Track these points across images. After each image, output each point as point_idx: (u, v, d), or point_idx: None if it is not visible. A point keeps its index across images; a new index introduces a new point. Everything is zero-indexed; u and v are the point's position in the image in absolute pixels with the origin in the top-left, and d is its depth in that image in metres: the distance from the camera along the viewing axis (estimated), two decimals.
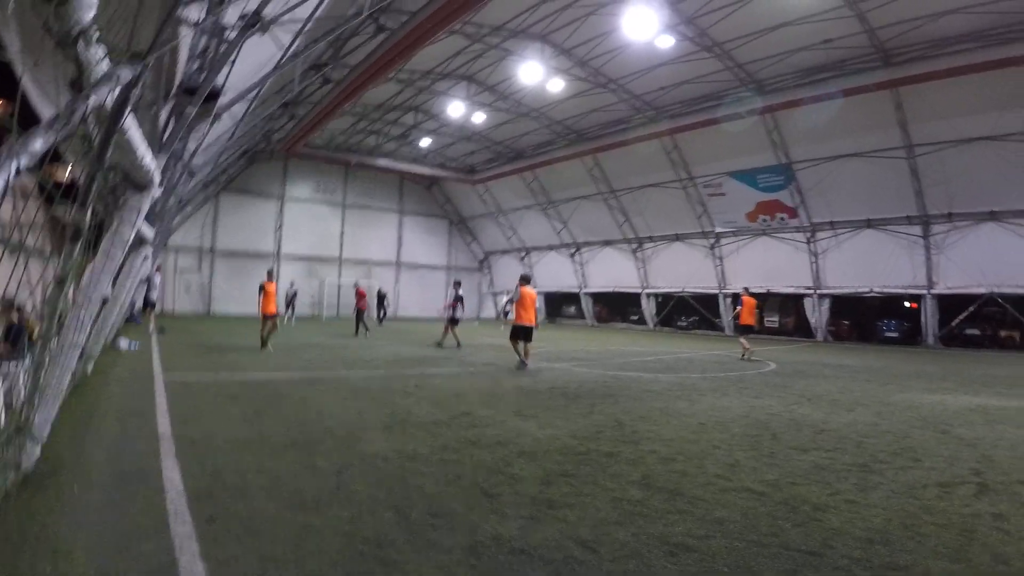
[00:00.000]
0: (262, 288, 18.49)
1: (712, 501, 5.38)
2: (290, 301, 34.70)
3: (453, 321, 22.36)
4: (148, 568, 3.85)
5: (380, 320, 35.44)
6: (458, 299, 23.17)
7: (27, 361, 7.01)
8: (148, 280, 23.24)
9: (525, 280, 16.00)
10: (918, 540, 4.57)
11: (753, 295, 21.69)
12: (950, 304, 28.21)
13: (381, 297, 35.79)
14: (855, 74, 24.02)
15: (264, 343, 18.03)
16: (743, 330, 20.61)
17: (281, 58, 14.70)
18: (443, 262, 51.90)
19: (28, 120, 2.52)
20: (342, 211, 46.64)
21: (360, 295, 28.12)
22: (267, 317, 18.23)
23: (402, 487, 5.55)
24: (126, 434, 7.28)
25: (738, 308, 21.13)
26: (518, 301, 15.64)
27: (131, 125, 4.53)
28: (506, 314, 36.98)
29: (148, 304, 23.35)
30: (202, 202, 39.50)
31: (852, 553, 4.31)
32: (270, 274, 19.74)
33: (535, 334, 16.00)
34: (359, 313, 27.56)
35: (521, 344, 15.45)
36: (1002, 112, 23.12)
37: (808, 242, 31.96)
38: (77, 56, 3.10)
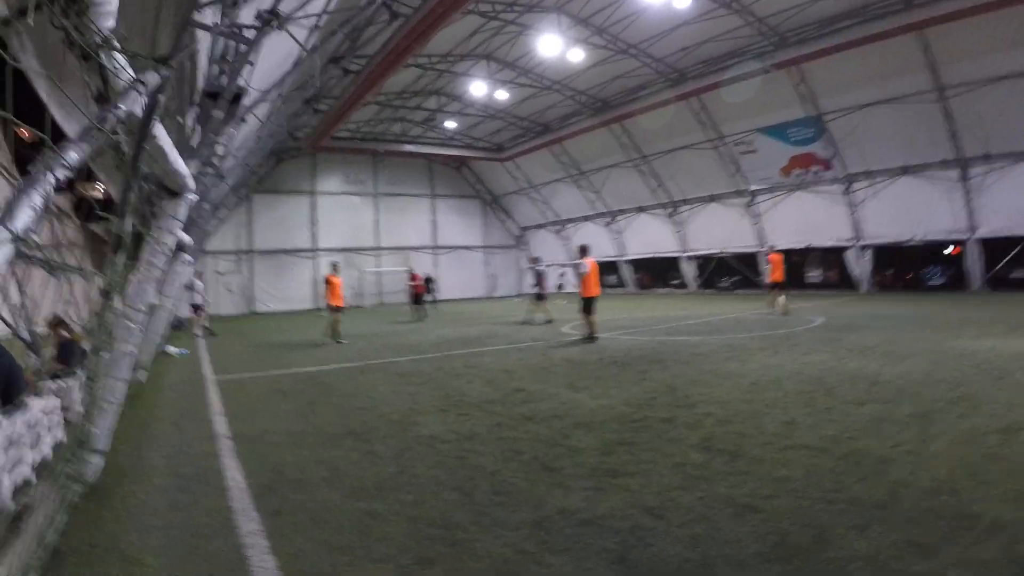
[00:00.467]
0: (327, 281, 18.68)
1: (773, 460, 5.34)
2: None
3: (540, 297, 22.66)
4: (219, 567, 3.91)
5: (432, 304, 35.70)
6: (540, 275, 23.37)
7: (82, 375, 7.15)
8: (192, 286, 23.56)
9: (585, 251, 15.98)
10: (985, 488, 4.50)
11: (780, 251, 22.98)
12: (994, 247, 27.46)
13: (428, 282, 35.96)
14: (878, 19, 23.34)
15: (337, 337, 17.98)
16: (775, 286, 21.27)
17: (300, 54, 14.74)
18: (479, 242, 51.88)
19: (55, 139, 2.54)
20: (374, 200, 46.81)
21: (415, 279, 28.29)
22: (334, 310, 18.31)
23: (463, 467, 5.58)
24: (184, 437, 7.41)
25: (768, 266, 22.26)
26: (587, 273, 15.49)
27: (160, 132, 4.57)
28: (559, 287, 36.97)
29: (197, 309, 23.67)
30: (235, 204, 39.96)
31: (920, 504, 4.25)
32: (335, 267, 19.78)
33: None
34: (417, 297, 27.70)
35: (587, 317, 15.33)
36: None
37: (845, 193, 31.30)
38: (101, 67, 3.12)
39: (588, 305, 15.31)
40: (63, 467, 4.82)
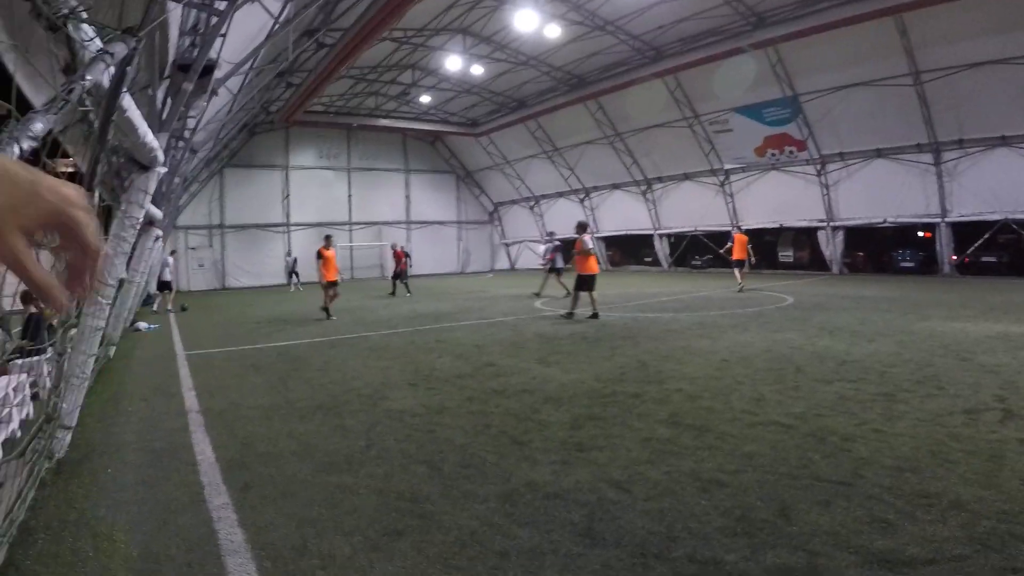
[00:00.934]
0: (320, 255, 17.88)
1: (740, 436, 5.43)
2: (292, 270, 36.19)
3: (556, 271, 22.48)
4: (189, 541, 3.93)
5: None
6: (557, 249, 23.02)
7: (49, 351, 7.09)
8: (163, 263, 23.38)
9: (584, 228, 15.67)
10: (947, 467, 4.61)
11: (743, 232, 24.26)
12: (965, 232, 27.87)
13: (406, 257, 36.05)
14: (857, 1, 23.42)
15: (327, 312, 17.73)
16: (736, 264, 22.76)
17: (273, 27, 14.56)
18: (453, 217, 51.72)
19: (23, 112, 2.51)
20: (347, 175, 46.47)
21: (398, 256, 28.06)
22: (328, 285, 17.80)
23: (432, 441, 5.63)
24: (154, 412, 7.39)
25: (729, 244, 23.45)
26: (584, 251, 15.19)
27: (130, 104, 4.51)
28: (552, 264, 36.85)
29: (165, 286, 23.45)
30: (207, 179, 39.51)
31: (882, 482, 4.36)
32: (328, 240, 18.62)
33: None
34: (400, 274, 27.42)
35: (584, 294, 15.09)
36: (1010, 34, 22.52)
37: (819, 174, 31.50)
38: (68, 38, 3.07)
39: (587, 282, 15.04)
40: (32, 443, 4.79)
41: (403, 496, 4.37)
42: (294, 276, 35.99)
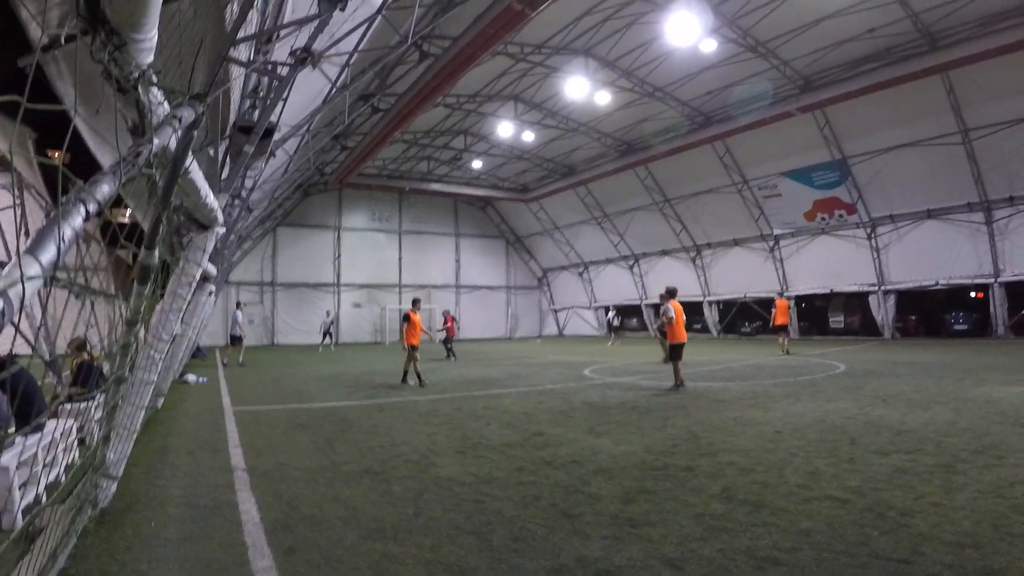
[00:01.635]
0: (407, 318, 16.82)
1: (796, 511, 5.24)
2: (327, 330, 36.46)
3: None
4: None
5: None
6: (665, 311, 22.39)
7: (99, 398, 7.18)
8: (233, 317, 24.12)
9: (672, 294, 15.16)
10: (1010, 541, 4.40)
11: (786, 298, 25.86)
12: (1020, 292, 27.17)
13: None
14: (902, 61, 23.41)
15: (406, 376, 16.76)
16: (777, 329, 23.84)
17: (330, 91, 14.95)
18: (502, 282, 52.06)
19: (88, 168, 2.57)
20: (399, 237, 47.20)
21: (448, 320, 28.12)
22: (412, 348, 16.46)
23: (480, 511, 5.52)
24: (199, 468, 7.40)
25: (772, 311, 24.09)
26: (674, 319, 14.47)
27: (193, 167, 4.63)
28: (614, 329, 37.12)
29: (236, 340, 24.05)
30: (260, 236, 40.43)
31: (943, 559, 4.16)
32: (416, 303, 17.66)
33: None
34: (448, 339, 27.29)
35: (679, 364, 14.32)
36: None
37: (869, 238, 31.19)
38: (137, 100, 3.17)
39: (675, 351, 14.48)
40: (77, 490, 4.82)
41: (451, 568, 4.26)
42: (328, 336, 36.56)
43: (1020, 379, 13.32)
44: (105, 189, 2.22)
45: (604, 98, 28.95)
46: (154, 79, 3.27)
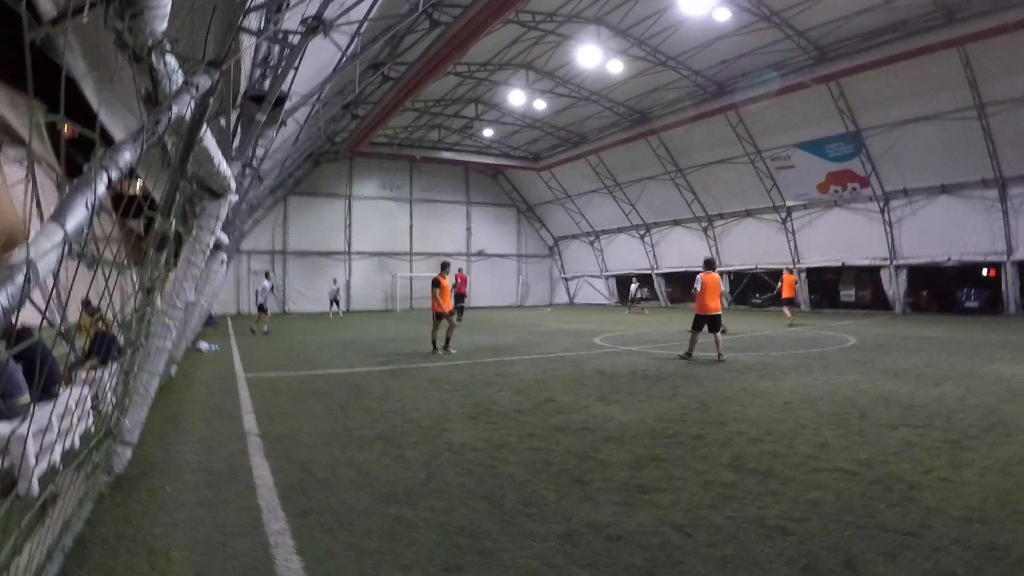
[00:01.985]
0: (436, 283, 16.01)
1: (805, 482, 5.29)
2: (335, 297, 36.82)
3: None
4: (245, 565, 3.94)
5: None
6: None
7: (114, 367, 7.27)
8: (261, 286, 24.37)
9: (710, 265, 15.02)
10: (1016, 518, 4.44)
11: (793, 273, 27.18)
12: None
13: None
14: (919, 34, 22.98)
15: (441, 345, 16.22)
16: (785, 302, 25.06)
17: (340, 60, 14.90)
18: (513, 250, 52.00)
19: (100, 139, 2.59)
20: (409, 206, 47.13)
21: (462, 280, 28.04)
22: (441, 315, 16.06)
23: (493, 476, 5.59)
24: (213, 434, 7.50)
25: (779, 284, 25.31)
26: (697, 290, 14.46)
27: (207, 135, 4.64)
28: (636, 300, 37.10)
29: (262, 308, 24.31)
30: (272, 205, 40.47)
31: (950, 533, 4.19)
32: (445, 267, 16.76)
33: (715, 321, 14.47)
34: (459, 297, 27.25)
35: (698, 335, 14.31)
36: None
37: (882, 212, 30.89)
38: (151, 68, 3.18)
39: (696, 322, 14.42)
40: (92, 456, 4.90)
41: (463, 532, 4.33)
42: (335, 304, 36.77)
43: None
44: (128, 156, 2.25)
45: (616, 67, 28.70)
46: (168, 47, 3.28)
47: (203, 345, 17.27)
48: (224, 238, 12.50)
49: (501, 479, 5.50)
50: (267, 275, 26.43)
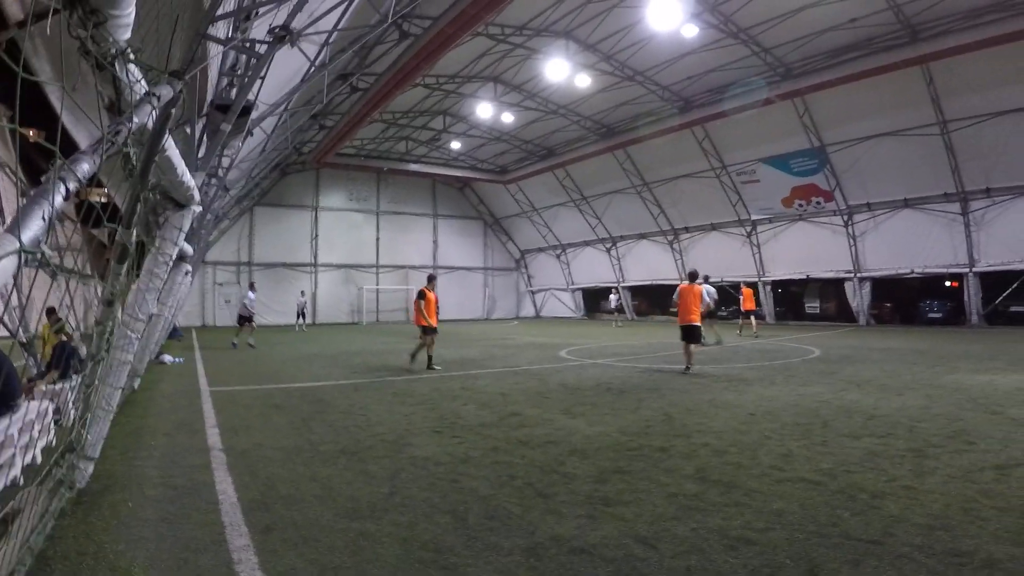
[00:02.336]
0: (422, 295, 15.13)
1: (769, 492, 5.32)
2: (300, 311, 36.11)
3: (711, 315, 21.67)
4: None
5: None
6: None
7: (75, 380, 7.13)
8: (245, 297, 23.91)
9: (691, 277, 14.96)
10: (979, 524, 4.49)
11: (749, 285, 27.49)
12: (993, 282, 27.59)
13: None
14: (883, 52, 23.55)
15: (430, 362, 15.05)
16: (745, 314, 25.30)
17: (309, 70, 14.83)
18: (479, 263, 52.03)
19: (63, 146, 2.54)
20: (376, 218, 46.99)
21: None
22: (428, 330, 15.00)
23: (456, 490, 5.55)
24: (176, 448, 7.37)
25: (740, 296, 26.02)
26: (677, 300, 14.46)
27: (170, 144, 4.58)
28: (618, 310, 37.20)
29: (244, 320, 23.78)
30: (237, 216, 40.12)
31: (913, 540, 4.24)
32: (431, 279, 15.93)
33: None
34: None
35: (691, 346, 14.19)
36: None
37: (846, 225, 31.46)
38: (114, 77, 3.13)
39: (685, 333, 14.31)
40: (54, 471, 4.80)
41: (427, 546, 4.30)
42: (302, 316, 36.06)
43: (992, 367, 13.57)
44: (85, 167, 2.21)
45: (584, 81, 28.90)
46: (132, 56, 3.24)
47: (167, 358, 17.03)
48: (188, 249, 12.34)
49: (465, 493, 5.47)
50: (252, 286, 25.87)
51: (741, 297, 25.58)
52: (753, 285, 27.17)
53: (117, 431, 7.80)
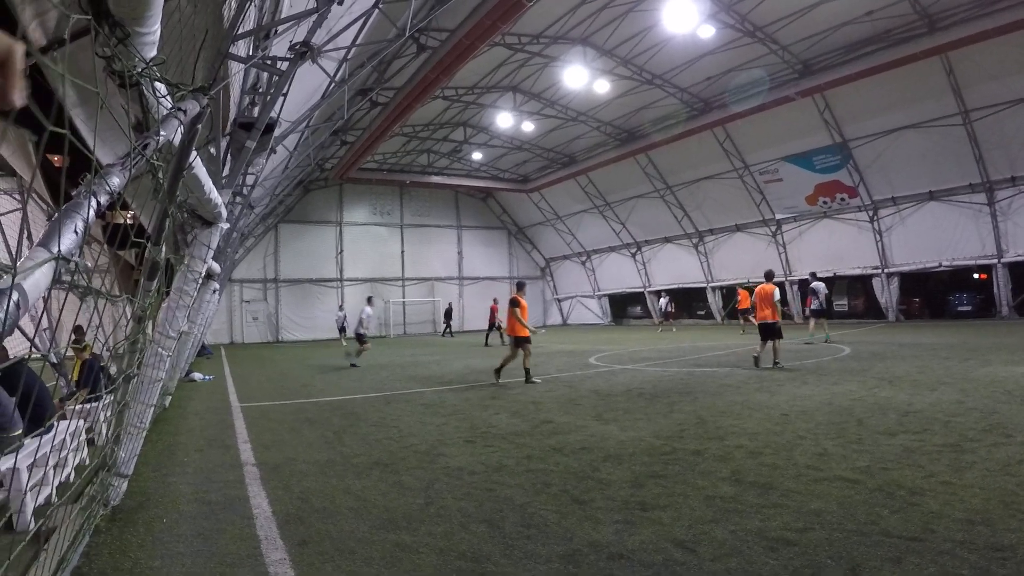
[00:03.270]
0: (516, 303, 14.26)
1: (806, 492, 5.25)
2: (342, 325, 33.79)
3: (818, 314, 21.60)
4: None
5: (445, 334, 36.51)
6: (815, 292, 21.69)
7: (107, 398, 7.21)
8: (363, 314, 23.09)
9: (767, 276, 15.38)
10: (1020, 518, 4.42)
11: (746, 288, 27.68)
12: (1023, 272, 27.15)
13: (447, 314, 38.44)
14: (901, 44, 23.34)
15: (529, 375, 14.10)
16: (743, 313, 26.10)
17: (329, 86, 14.95)
18: (505, 273, 52.05)
19: (90, 171, 2.57)
20: (400, 231, 47.20)
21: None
22: (521, 340, 14.17)
23: (491, 499, 5.53)
24: (209, 464, 7.42)
25: (737, 299, 26.81)
26: (756, 299, 15.03)
27: (197, 162, 4.63)
28: (666, 316, 36.52)
29: (361, 338, 22.43)
30: (262, 234, 40.49)
31: (954, 536, 4.17)
32: (522, 287, 15.22)
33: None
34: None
35: (770, 343, 14.50)
36: None
37: (871, 220, 31.12)
38: (141, 95, 3.17)
39: (762, 331, 14.85)
40: (88, 489, 4.84)
41: (464, 556, 4.27)
42: (343, 333, 33.51)
43: None
44: (115, 181, 2.23)
45: (603, 86, 28.92)
46: (157, 73, 3.27)
47: (197, 375, 17.19)
48: (216, 267, 12.46)
49: (500, 502, 5.45)
50: (369, 300, 24.20)
51: (738, 298, 25.97)
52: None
53: (150, 448, 7.87)
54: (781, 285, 17.00)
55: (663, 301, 37.03)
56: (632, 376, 14.30)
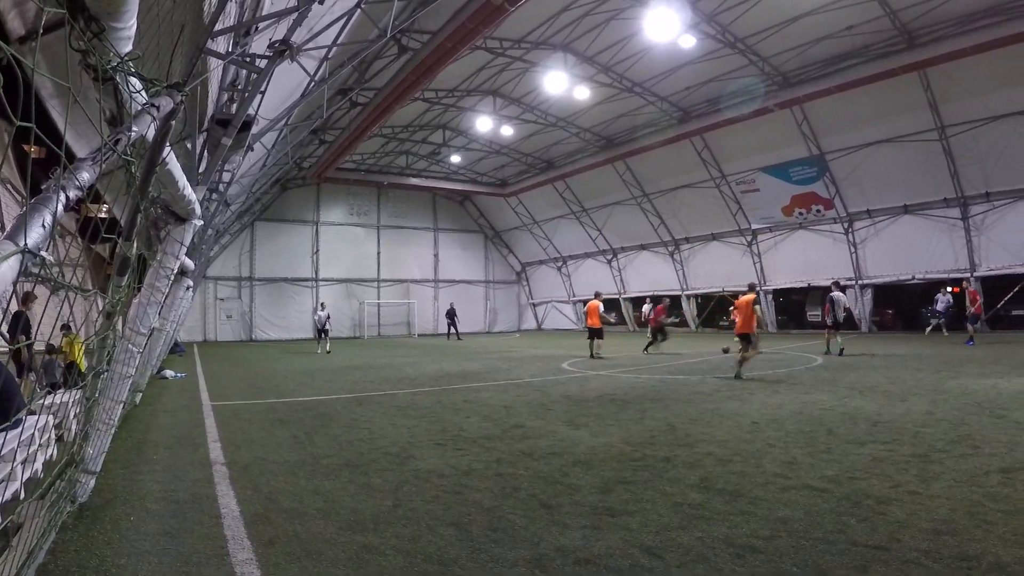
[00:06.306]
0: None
1: (773, 500, 5.30)
2: (322, 327, 30.34)
3: (837, 326, 20.80)
4: None
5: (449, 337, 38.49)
6: (834, 302, 20.81)
7: (76, 394, 7.12)
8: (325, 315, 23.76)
9: (751, 288, 16.35)
10: (985, 528, 4.48)
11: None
12: (994, 286, 27.47)
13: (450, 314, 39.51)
14: (880, 59, 23.58)
15: (597, 355, 20.91)
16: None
17: (308, 84, 14.88)
18: (480, 276, 52.02)
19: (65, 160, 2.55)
20: (377, 232, 47.03)
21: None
22: (595, 333, 21.60)
23: (460, 503, 5.53)
24: (178, 462, 7.36)
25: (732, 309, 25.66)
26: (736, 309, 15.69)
27: (171, 158, 4.59)
28: (652, 323, 35.96)
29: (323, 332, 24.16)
30: (238, 231, 40.21)
31: (920, 545, 4.23)
32: (597, 295, 23.52)
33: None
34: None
35: (751, 351, 14.88)
36: None
37: (846, 232, 31.44)
38: (115, 89, 3.15)
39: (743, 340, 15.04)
40: (55, 485, 4.78)
41: (431, 559, 4.28)
42: (323, 334, 29.52)
43: (995, 371, 13.53)
44: (85, 176, 2.21)
45: (583, 93, 28.98)
46: (132, 68, 3.25)
47: (168, 373, 17.02)
48: (189, 264, 12.35)
49: (469, 505, 5.45)
50: (322, 305, 24.91)
51: (733, 309, 25.20)
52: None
53: (119, 445, 7.79)
54: (757, 295, 16.94)
55: (646, 308, 36.65)
56: (605, 382, 14.35)
